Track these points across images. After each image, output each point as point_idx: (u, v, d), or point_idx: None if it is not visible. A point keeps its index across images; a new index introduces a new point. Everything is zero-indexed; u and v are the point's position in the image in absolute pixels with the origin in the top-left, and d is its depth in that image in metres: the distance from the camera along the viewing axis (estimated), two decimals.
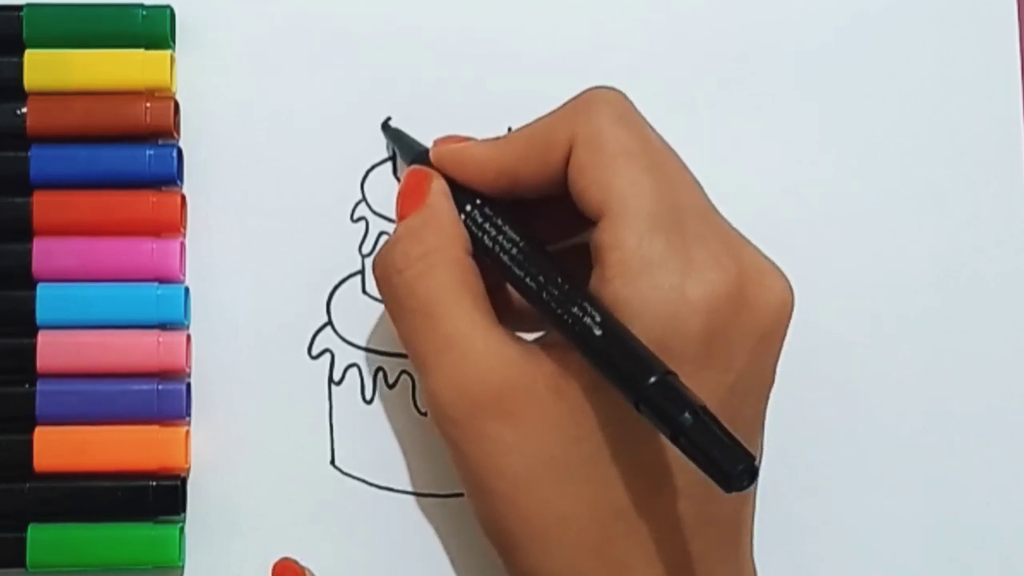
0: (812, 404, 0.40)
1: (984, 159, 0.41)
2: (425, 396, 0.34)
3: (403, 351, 0.39)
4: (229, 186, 0.40)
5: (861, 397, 0.40)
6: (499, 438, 0.32)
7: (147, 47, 0.39)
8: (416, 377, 0.35)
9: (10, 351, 0.38)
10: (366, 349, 0.39)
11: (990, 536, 0.39)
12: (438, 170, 0.36)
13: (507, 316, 0.35)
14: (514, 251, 0.34)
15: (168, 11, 0.39)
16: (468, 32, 0.41)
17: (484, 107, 0.40)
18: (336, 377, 0.39)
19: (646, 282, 0.31)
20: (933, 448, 0.40)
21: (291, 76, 0.40)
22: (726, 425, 0.28)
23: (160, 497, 0.37)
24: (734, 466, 0.27)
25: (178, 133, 0.40)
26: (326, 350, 0.39)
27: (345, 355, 0.39)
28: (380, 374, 0.39)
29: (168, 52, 0.39)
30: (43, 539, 0.37)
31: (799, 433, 0.39)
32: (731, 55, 0.41)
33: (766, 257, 0.33)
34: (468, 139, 0.36)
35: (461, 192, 0.35)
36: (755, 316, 0.32)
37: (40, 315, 0.38)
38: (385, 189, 0.40)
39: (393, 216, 0.40)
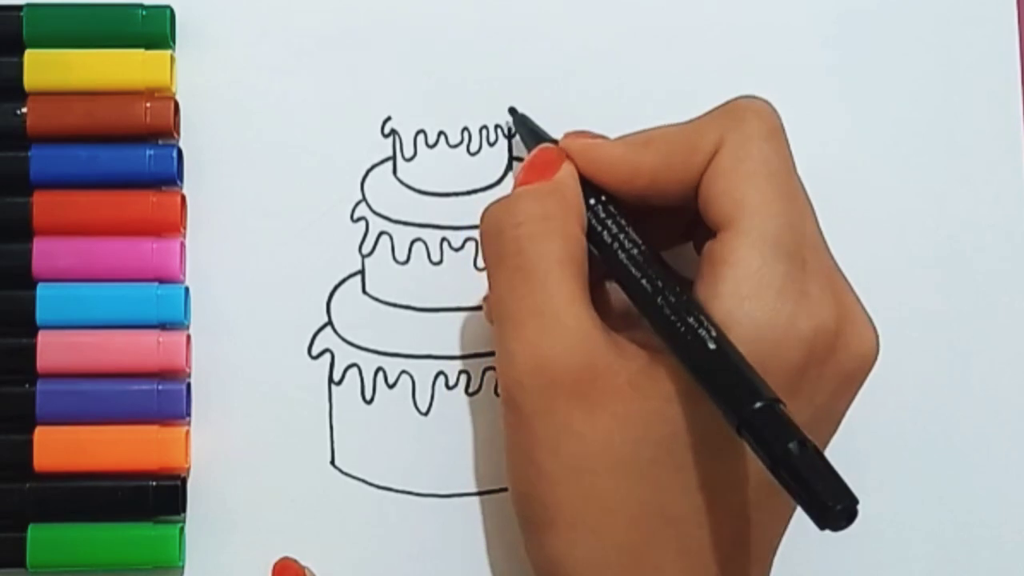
0: None
1: (984, 158, 0.41)
2: (502, 357, 0.33)
3: (403, 351, 0.39)
4: (229, 186, 0.40)
5: (860, 397, 0.40)
6: (567, 418, 0.32)
7: (147, 47, 0.39)
8: (496, 337, 0.33)
9: (10, 351, 0.38)
10: (366, 349, 0.39)
11: (990, 536, 0.39)
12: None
13: (600, 312, 0.34)
14: (634, 251, 0.33)
15: (168, 11, 0.39)
16: (468, 32, 0.41)
17: (485, 106, 0.40)
18: (336, 377, 0.39)
19: (759, 305, 0.31)
20: (932, 448, 0.40)
21: (291, 76, 0.40)
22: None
23: (160, 497, 0.37)
24: (836, 503, 0.26)
25: (178, 133, 0.40)
26: (326, 350, 0.39)
27: (345, 355, 0.39)
28: (380, 374, 0.39)
29: (168, 52, 0.39)
30: (43, 539, 0.37)
31: None
32: (730, 55, 0.41)
33: (861, 304, 0.34)
34: (601, 136, 0.36)
35: (588, 185, 0.35)
36: (845, 359, 0.32)
37: (40, 315, 0.38)
38: (385, 189, 0.40)
39: (393, 216, 0.40)
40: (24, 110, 0.38)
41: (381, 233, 0.40)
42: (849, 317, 0.33)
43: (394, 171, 0.40)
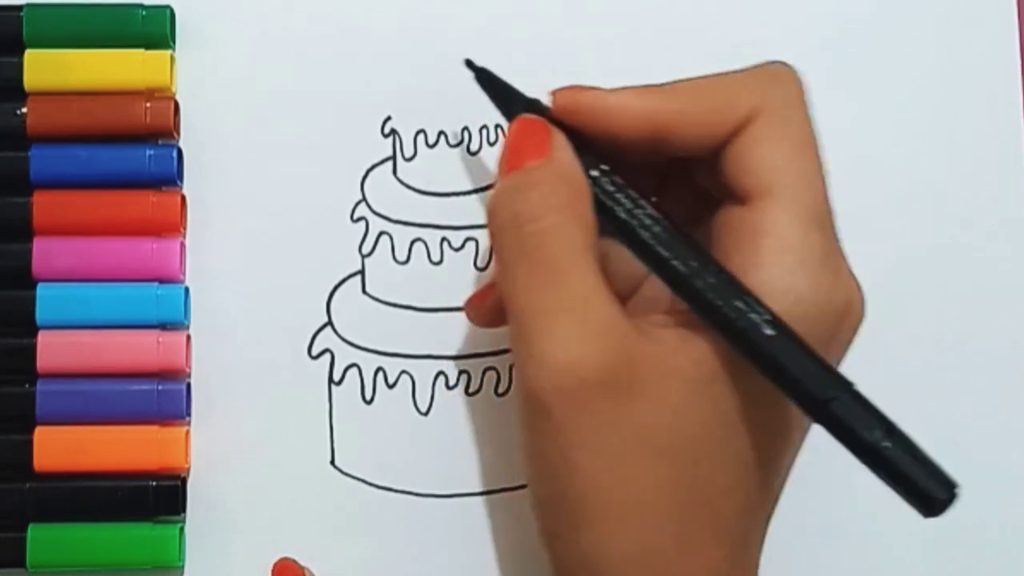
0: None
1: (984, 158, 0.41)
2: (527, 356, 0.31)
3: (403, 351, 0.39)
4: (229, 186, 0.40)
5: None
6: (602, 413, 0.31)
7: (147, 47, 0.39)
8: (516, 335, 0.31)
9: (10, 351, 0.38)
10: (366, 349, 0.39)
11: (989, 536, 0.39)
12: (563, 116, 0.33)
13: None
14: (657, 229, 0.31)
15: (168, 11, 0.39)
16: (468, 32, 0.41)
17: (485, 107, 0.40)
18: (336, 377, 0.39)
19: (802, 276, 0.31)
20: (931, 448, 0.40)
21: (291, 76, 0.40)
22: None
23: (160, 497, 0.37)
24: (939, 490, 0.26)
25: (178, 133, 0.40)
26: (326, 350, 0.39)
27: (345, 355, 0.39)
28: (380, 374, 0.39)
29: (168, 52, 0.39)
30: (43, 539, 0.37)
31: None
32: (729, 55, 0.41)
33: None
34: (598, 88, 0.33)
35: (583, 154, 0.32)
36: (850, 330, 0.32)
37: (40, 315, 0.38)
38: (385, 189, 0.40)
39: (393, 216, 0.40)
40: (24, 110, 0.38)
41: (381, 233, 0.40)
42: (857, 288, 0.33)
43: (394, 171, 0.40)
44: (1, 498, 0.37)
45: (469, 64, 0.36)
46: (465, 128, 0.40)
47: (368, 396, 0.39)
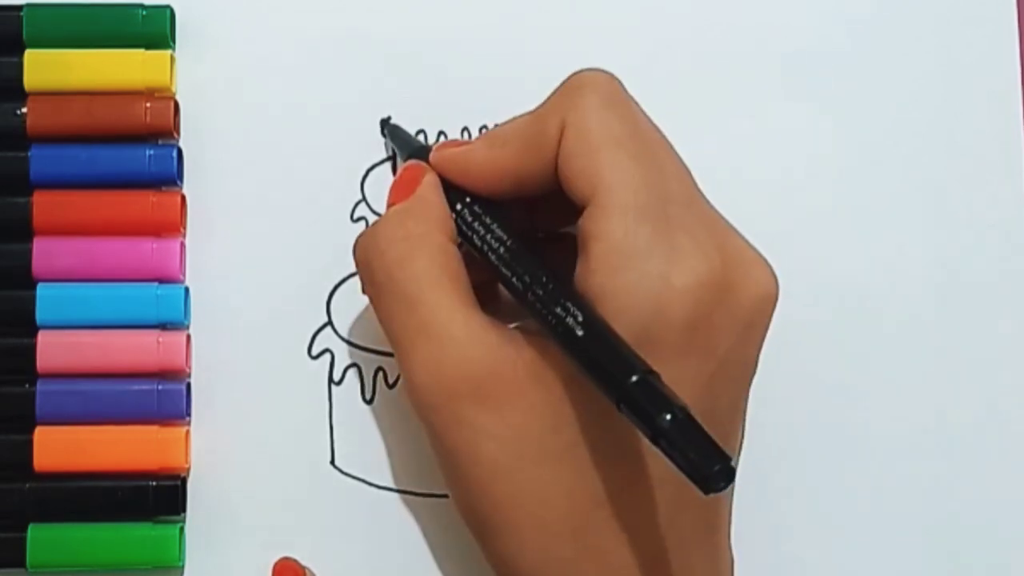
0: (809, 404, 0.40)
1: (984, 159, 0.41)
2: (405, 381, 0.34)
3: None
4: (229, 186, 0.40)
5: (858, 397, 0.40)
6: (476, 424, 0.32)
7: (147, 47, 0.39)
8: (396, 360, 0.34)
9: (10, 351, 0.38)
10: (366, 349, 0.39)
11: (989, 536, 0.39)
12: (440, 174, 0.35)
13: (497, 307, 0.35)
14: (501, 250, 0.34)
15: (168, 11, 0.39)
16: (468, 32, 0.41)
17: (484, 107, 0.40)
18: (336, 377, 0.39)
19: (631, 272, 0.31)
20: (931, 449, 0.40)
21: (291, 76, 0.40)
22: (701, 420, 0.28)
23: (160, 497, 0.37)
24: (711, 467, 0.27)
25: (178, 133, 0.40)
26: (326, 350, 0.39)
27: (345, 355, 0.39)
28: (380, 374, 0.39)
29: (168, 52, 0.39)
30: (43, 539, 0.37)
31: (796, 433, 0.39)
32: (729, 54, 0.41)
33: (752, 247, 0.33)
34: (467, 143, 0.36)
35: (453, 190, 0.35)
36: (739, 305, 0.32)
37: (40, 315, 0.38)
38: (385, 189, 0.40)
39: None
40: (24, 110, 0.38)
41: None
42: (736, 262, 0.32)
43: (394, 171, 0.40)
44: (1, 498, 0.37)
45: (383, 123, 0.40)
46: (465, 128, 0.40)
47: (368, 396, 0.39)
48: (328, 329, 0.39)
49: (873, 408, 0.40)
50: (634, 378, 0.29)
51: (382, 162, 0.40)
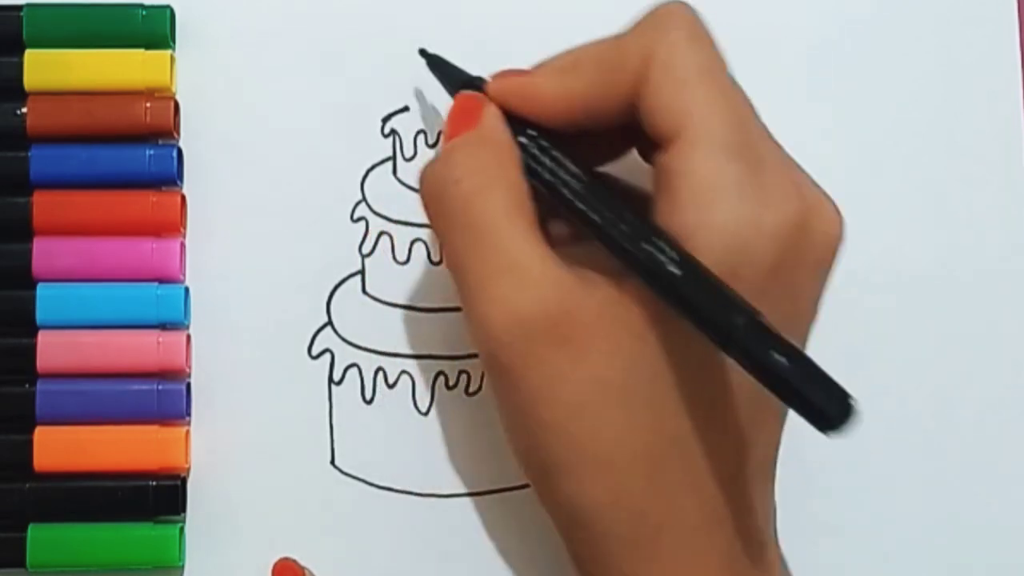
0: None
1: (984, 159, 0.41)
2: (473, 319, 0.32)
3: (403, 351, 0.39)
4: (229, 186, 0.40)
5: (859, 397, 0.40)
6: (554, 365, 0.31)
7: (147, 47, 0.39)
8: (462, 300, 0.33)
9: (10, 351, 0.38)
10: (366, 349, 0.39)
11: (989, 536, 0.39)
12: (501, 105, 0.34)
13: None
14: (576, 185, 0.32)
15: (168, 11, 0.39)
16: (468, 32, 0.41)
17: None
18: (336, 377, 0.39)
19: (722, 210, 0.30)
20: (931, 448, 0.40)
21: (291, 76, 0.40)
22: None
23: (160, 497, 0.37)
24: (834, 408, 0.26)
25: (178, 133, 0.40)
26: (326, 350, 0.39)
27: (345, 355, 0.39)
28: (380, 374, 0.39)
29: (168, 52, 0.39)
30: (43, 539, 0.37)
31: (796, 432, 0.39)
32: (729, 54, 0.41)
33: (819, 187, 0.33)
34: (529, 71, 0.35)
35: (514, 122, 0.34)
36: (815, 247, 0.32)
37: (40, 315, 0.38)
38: (385, 189, 0.40)
39: (394, 216, 0.40)
40: (24, 110, 0.38)
41: (381, 233, 0.40)
42: (813, 204, 0.32)
43: (394, 171, 0.40)
44: (1, 498, 0.37)
45: (422, 53, 0.38)
46: None
47: (368, 396, 0.39)
48: (328, 329, 0.39)
49: (873, 407, 0.40)
50: (741, 320, 0.28)
51: (382, 162, 0.40)
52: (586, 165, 0.33)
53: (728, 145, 0.31)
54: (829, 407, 0.26)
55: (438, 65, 0.38)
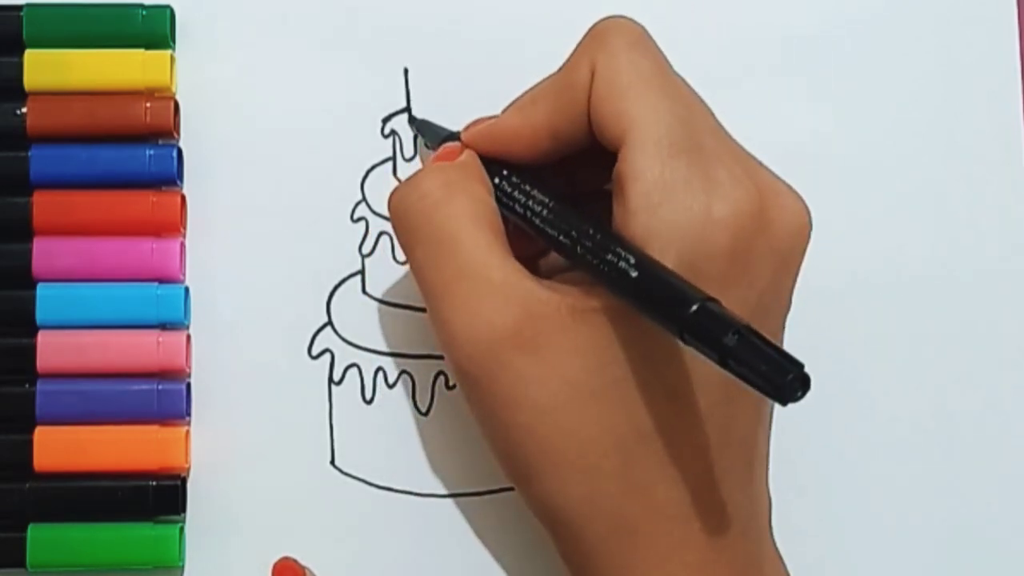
0: (809, 401, 0.39)
1: (984, 158, 0.41)
2: (439, 330, 0.33)
3: (403, 351, 0.39)
4: (229, 186, 0.40)
5: (858, 396, 0.40)
6: (520, 369, 0.32)
7: (147, 47, 0.39)
8: (428, 310, 0.34)
9: (10, 351, 0.38)
10: (366, 349, 0.39)
11: (990, 536, 0.39)
12: (475, 150, 0.35)
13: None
14: (544, 212, 0.34)
15: (168, 11, 0.39)
16: (468, 32, 0.41)
17: (485, 106, 0.40)
18: (336, 377, 0.39)
19: (671, 207, 0.31)
20: (931, 447, 0.40)
21: (291, 76, 0.40)
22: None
23: (160, 497, 0.37)
24: (784, 376, 0.27)
25: (178, 133, 0.40)
26: (326, 350, 0.39)
27: (345, 355, 0.39)
28: (380, 374, 0.39)
29: (168, 52, 0.39)
30: (43, 539, 0.37)
31: (795, 431, 0.39)
32: (729, 53, 0.41)
33: (780, 179, 0.33)
34: (492, 116, 0.36)
35: (490, 165, 0.35)
36: (776, 235, 0.32)
37: (40, 315, 0.38)
38: (385, 189, 0.40)
39: None
40: (24, 110, 0.39)
41: (381, 233, 0.40)
42: (770, 193, 0.32)
43: (394, 171, 0.40)
44: (1, 498, 0.37)
45: (411, 120, 0.40)
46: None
47: (368, 396, 0.39)
48: (328, 329, 0.39)
49: (872, 407, 0.40)
50: (694, 307, 0.29)
51: (382, 162, 0.40)
52: (557, 192, 0.34)
53: (672, 144, 0.32)
54: (779, 378, 0.27)
55: (423, 128, 0.39)
